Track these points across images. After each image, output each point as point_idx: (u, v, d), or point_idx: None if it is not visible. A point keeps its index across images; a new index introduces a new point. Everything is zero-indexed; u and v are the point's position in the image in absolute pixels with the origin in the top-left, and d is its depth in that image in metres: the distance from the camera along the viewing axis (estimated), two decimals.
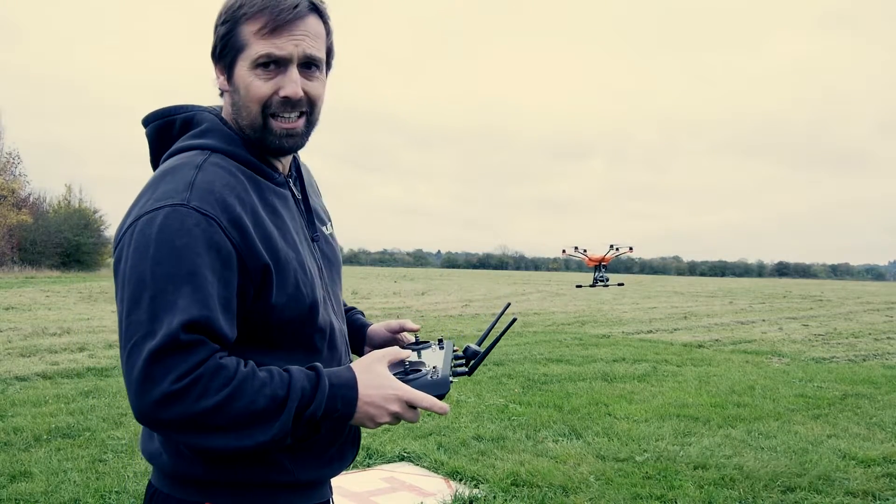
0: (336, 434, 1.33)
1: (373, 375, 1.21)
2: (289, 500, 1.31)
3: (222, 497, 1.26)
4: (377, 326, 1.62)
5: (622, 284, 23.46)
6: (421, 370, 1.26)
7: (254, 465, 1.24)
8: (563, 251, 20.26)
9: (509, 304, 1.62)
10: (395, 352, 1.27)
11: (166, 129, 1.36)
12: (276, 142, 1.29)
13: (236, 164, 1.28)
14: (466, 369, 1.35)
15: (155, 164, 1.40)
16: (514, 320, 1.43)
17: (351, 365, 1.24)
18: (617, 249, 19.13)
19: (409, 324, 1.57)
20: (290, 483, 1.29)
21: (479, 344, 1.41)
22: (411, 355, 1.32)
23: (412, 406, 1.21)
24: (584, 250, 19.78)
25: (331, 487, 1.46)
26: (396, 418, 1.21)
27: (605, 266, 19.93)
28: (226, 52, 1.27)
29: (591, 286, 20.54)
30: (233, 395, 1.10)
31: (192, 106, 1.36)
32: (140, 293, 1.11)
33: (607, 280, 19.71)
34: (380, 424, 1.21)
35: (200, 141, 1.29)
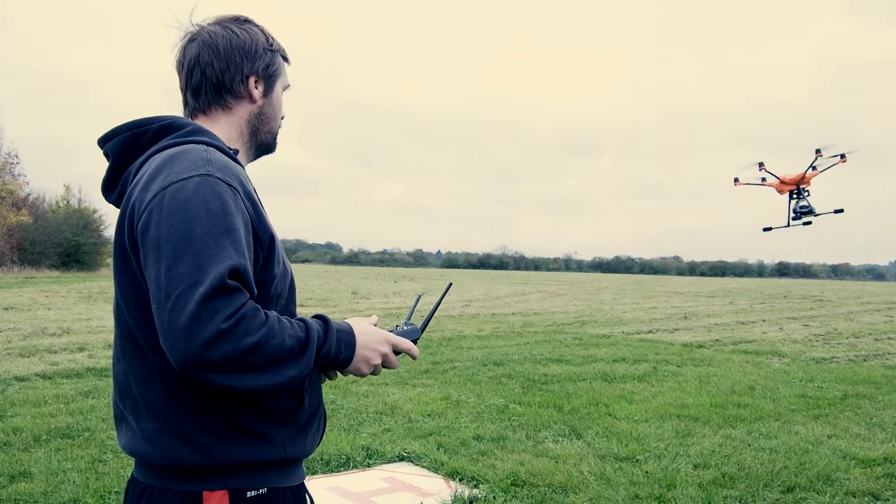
0: (318, 406, 1.48)
1: (363, 325, 1.43)
2: (277, 480, 1.38)
3: (217, 482, 1.31)
4: None
5: (841, 210, 14.54)
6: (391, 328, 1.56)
7: (251, 442, 1.33)
8: (736, 180, 13.63)
9: (451, 284, 1.84)
10: (371, 319, 1.50)
11: (137, 139, 1.42)
12: (275, 146, 1.60)
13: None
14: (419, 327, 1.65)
15: (116, 178, 1.44)
16: (450, 285, 1.77)
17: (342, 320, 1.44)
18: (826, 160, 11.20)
19: None
20: (280, 461, 1.37)
21: (427, 321, 1.65)
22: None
23: (395, 351, 1.46)
24: (773, 174, 12.73)
25: (304, 471, 1.56)
26: (384, 362, 1.44)
27: (807, 191, 13.02)
28: (272, 73, 1.53)
29: (786, 227, 13.58)
30: (269, 333, 1.21)
31: (166, 116, 1.44)
32: (182, 250, 1.19)
33: (813, 210, 12.57)
34: (372, 368, 1.42)
35: (193, 138, 1.38)
